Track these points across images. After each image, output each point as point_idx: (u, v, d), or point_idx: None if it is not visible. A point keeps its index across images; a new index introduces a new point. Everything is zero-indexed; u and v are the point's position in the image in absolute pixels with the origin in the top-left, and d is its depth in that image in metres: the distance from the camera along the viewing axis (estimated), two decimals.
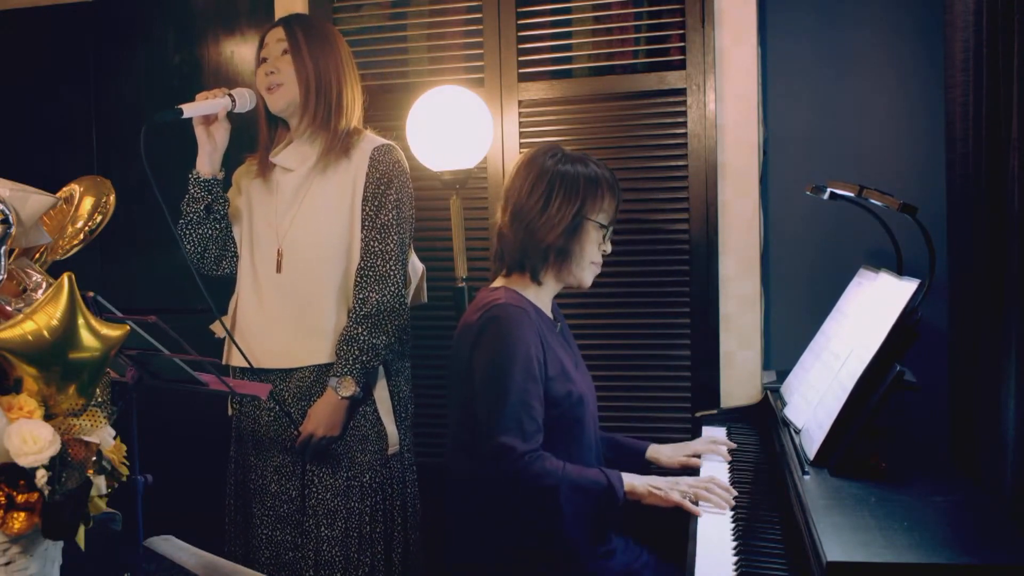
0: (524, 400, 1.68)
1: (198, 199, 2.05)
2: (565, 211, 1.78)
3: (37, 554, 1.18)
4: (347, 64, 2.08)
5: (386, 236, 2.00)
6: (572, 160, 1.83)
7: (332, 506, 1.99)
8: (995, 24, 1.77)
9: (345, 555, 1.98)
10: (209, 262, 2.13)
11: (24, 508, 1.12)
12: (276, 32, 2.06)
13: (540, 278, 1.84)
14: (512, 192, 1.84)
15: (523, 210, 1.81)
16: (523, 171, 1.84)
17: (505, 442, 1.66)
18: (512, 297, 1.79)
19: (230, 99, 2.02)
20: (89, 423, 1.20)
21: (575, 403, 1.79)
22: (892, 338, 1.58)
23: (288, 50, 2.02)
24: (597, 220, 1.82)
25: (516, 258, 1.84)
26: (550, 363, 1.76)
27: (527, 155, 1.87)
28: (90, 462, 1.18)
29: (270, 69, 2.04)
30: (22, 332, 1.14)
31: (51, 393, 1.17)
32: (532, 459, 1.67)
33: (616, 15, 2.46)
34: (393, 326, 2.00)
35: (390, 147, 2.07)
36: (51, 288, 1.17)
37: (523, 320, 1.74)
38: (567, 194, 1.79)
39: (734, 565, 1.46)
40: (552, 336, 1.82)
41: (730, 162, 2.34)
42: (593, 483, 1.70)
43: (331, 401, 1.96)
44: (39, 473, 1.12)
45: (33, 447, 1.11)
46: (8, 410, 1.14)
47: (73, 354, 1.16)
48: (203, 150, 2.04)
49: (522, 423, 1.67)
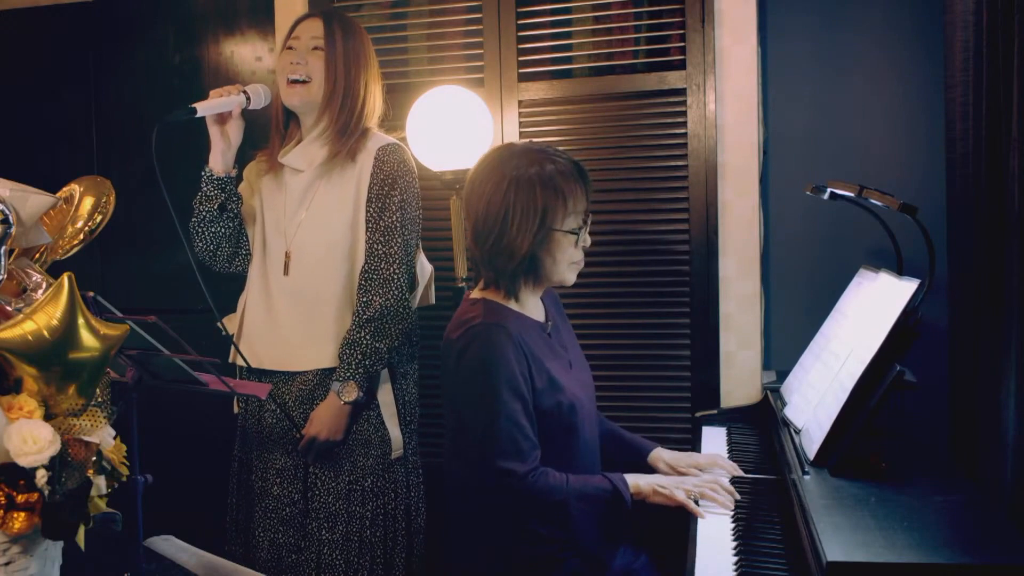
0: (515, 420, 1.64)
1: (212, 197, 2.02)
2: (526, 227, 1.67)
3: (37, 554, 1.19)
4: (375, 70, 2.06)
5: (390, 239, 1.98)
6: (527, 163, 1.69)
7: (333, 509, 1.98)
8: (995, 24, 1.78)
9: (346, 559, 1.98)
10: (222, 259, 2.11)
11: (24, 508, 1.12)
12: (313, 26, 2.00)
13: (518, 294, 1.76)
14: (470, 210, 1.74)
15: (483, 232, 1.71)
16: (478, 187, 1.73)
17: (504, 467, 1.63)
18: (490, 313, 1.72)
19: (245, 96, 1.99)
20: (89, 423, 1.20)
21: (566, 412, 1.75)
22: (892, 338, 1.58)
23: (322, 48, 1.98)
24: (564, 228, 1.70)
25: (489, 276, 1.77)
26: (536, 376, 1.70)
27: (480, 165, 1.76)
28: (90, 462, 1.18)
29: (297, 60, 1.98)
30: (22, 332, 1.14)
31: (51, 393, 1.17)
32: (535, 478, 1.64)
33: (616, 15, 2.45)
34: (397, 330, 1.98)
35: (396, 146, 2.03)
36: (51, 288, 1.18)
37: (501, 340, 1.66)
38: (525, 209, 1.67)
39: (734, 565, 1.46)
40: (539, 343, 1.76)
41: (730, 162, 2.34)
42: (599, 490, 1.68)
43: (334, 405, 1.95)
44: (39, 473, 1.12)
45: (33, 447, 1.12)
46: (8, 410, 1.14)
47: (73, 354, 1.16)
48: (216, 148, 2.00)
49: (518, 443, 1.64)
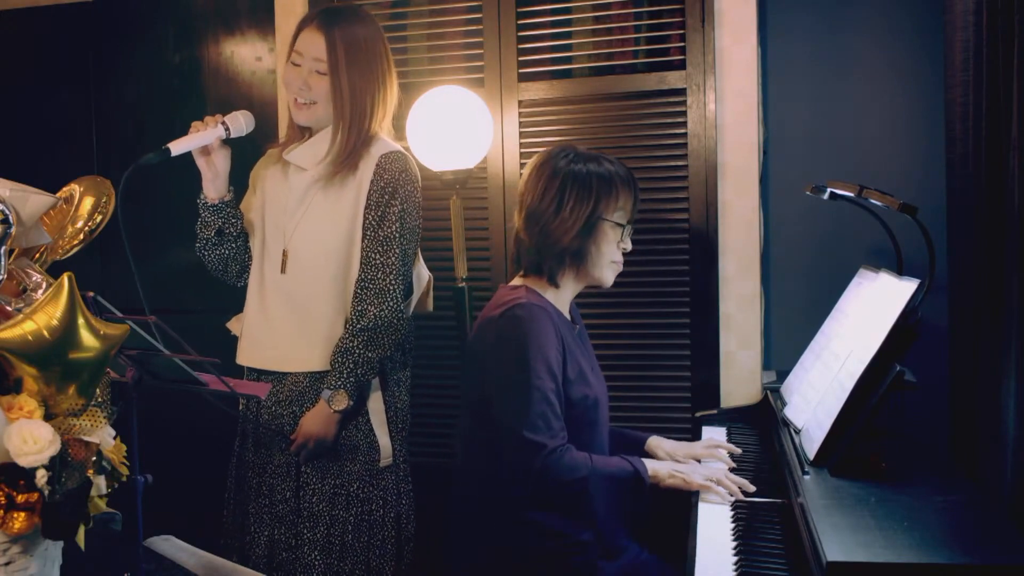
0: (548, 398, 1.69)
1: (209, 224, 2.05)
2: (579, 212, 1.77)
3: (37, 554, 1.19)
4: (386, 72, 2.00)
5: (388, 249, 1.96)
6: (585, 159, 1.81)
7: (317, 510, 1.98)
8: (995, 24, 1.78)
9: (325, 561, 1.97)
10: (232, 276, 2.14)
11: (24, 508, 1.12)
12: (315, 43, 1.94)
13: (558, 280, 1.83)
14: (526, 195, 1.83)
15: (536, 213, 1.80)
16: (536, 173, 1.83)
17: (533, 439, 1.66)
18: (533, 296, 1.79)
19: (223, 128, 1.95)
20: (89, 423, 1.20)
21: (590, 406, 1.79)
22: (892, 338, 1.58)
23: (325, 72, 1.94)
24: (613, 219, 1.80)
25: (533, 261, 1.83)
26: (569, 365, 1.76)
27: (540, 156, 1.86)
28: (90, 462, 1.18)
29: (301, 85, 1.96)
30: (22, 332, 1.14)
31: (51, 393, 1.17)
32: (561, 452, 1.68)
33: (616, 15, 2.45)
34: (390, 340, 1.96)
35: (399, 154, 2.00)
36: (51, 288, 1.17)
37: (544, 319, 1.74)
38: (580, 195, 1.78)
39: (734, 565, 1.46)
40: (571, 338, 1.82)
41: (730, 162, 2.34)
42: (620, 470, 1.72)
43: (323, 413, 1.95)
44: (39, 473, 1.12)
45: (33, 447, 1.12)
46: (8, 410, 1.14)
47: (73, 354, 1.16)
48: (205, 178, 2.01)
49: (549, 420, 1.69)
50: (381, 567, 2.03)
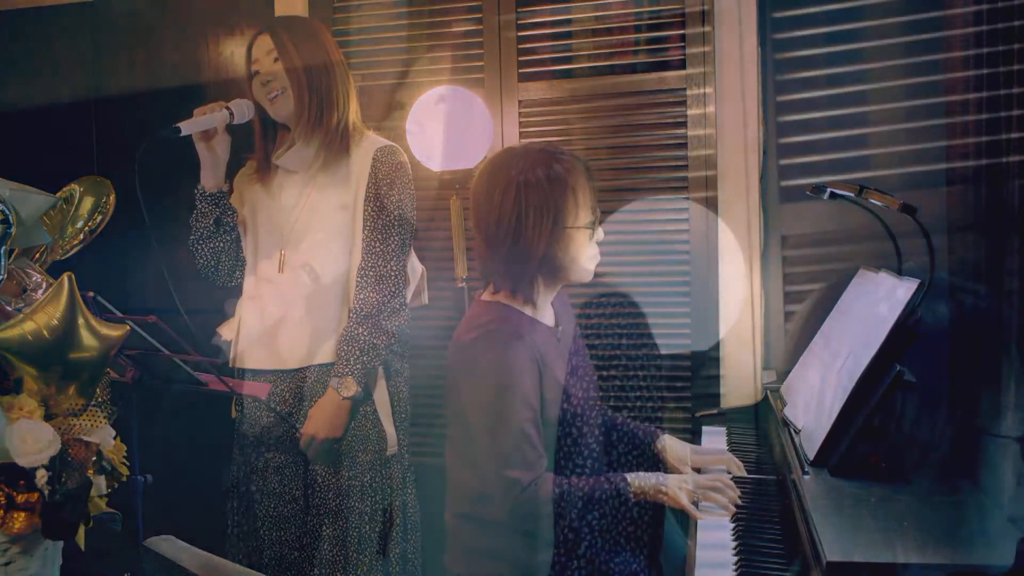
0: (523, 430, 1.63)
1: (206, 213, 2.07)
2: (541, 227, 1.65)
3: (37, 554, 1.19)
4: (335, 58, 2.08)
5: (388, 236, 2.02)
6: (534, 162, 1.67)
7: (333, 506, 2.00)
8: (995, 24, 1.77)
9: (345, 555, 1.99)
10: (223, 274, 2.15)
11: (24, 508, 1.12)
12: (263, 43, 2.05)
13: (534, 298, 1.72)
14: (480, 218, 1.71)
15: (497, 238, 1.68)
16: (487, 184, 1.70)
17: (507, 475, 1.62)
18: (505, 319, 1.70)
19: (228, 112, 2.03)
20: (89, 423, 1.20)
21: (570, 421, 1.75)
22: (892, 338, 1.58)
23: (278, 57, 2.02)
24: (579, 225, 1.69)
25: (506, 284, 1.73)
26: (546, 385, 1.68)
27: (488, 165, 1.73)
28: (90, 462, 1.18)
29: (266, 78, 2.04)
30: (22, 332, 1.14)
31: (51, 393, 1.17)
32: (536, 487, 1.63)
33: (616, 15, 2.45)
34: (393, 326, 2.01)
35: (393, 148, 2.09)
36: (51, 288, 1.18)
37: (515, 348, 1.64)
38: (539, 208, 1.65)
39: (734, 565, 1.46)
40: (549, 349, 1.73)
41: (730, 162, 2.34)
42: (600, 491, 1.67)
43: (333, 401, 1.96)
44: (39, 473, 1.12)
45: (33, 447, 1.12)
46: (8, 410, 1.14)
47: (73, 354, 1.17)
48: (205, 164, 2.05)
49: (524, 453, 1.63)
50: (390, 555, 2.05)
